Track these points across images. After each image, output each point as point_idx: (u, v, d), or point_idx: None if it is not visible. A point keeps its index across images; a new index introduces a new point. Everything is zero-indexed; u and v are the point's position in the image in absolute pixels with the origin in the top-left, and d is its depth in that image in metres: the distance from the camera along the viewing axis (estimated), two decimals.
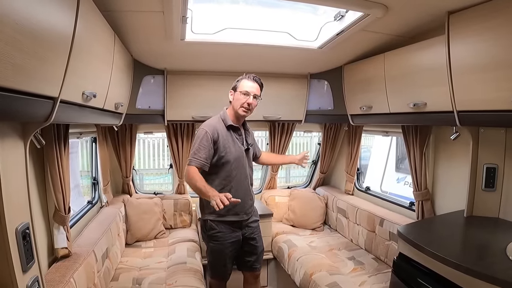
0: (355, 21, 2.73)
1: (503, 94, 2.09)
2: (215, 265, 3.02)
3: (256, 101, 2.94)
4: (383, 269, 3.39)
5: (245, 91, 2.87)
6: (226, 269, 3.01)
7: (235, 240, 2.95)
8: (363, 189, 4.71)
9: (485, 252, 2.28)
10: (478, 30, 2.23)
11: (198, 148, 2.77)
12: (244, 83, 2.90)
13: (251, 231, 3.07)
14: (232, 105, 2.95)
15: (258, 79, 2.95)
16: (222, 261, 2.96)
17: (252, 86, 2.89)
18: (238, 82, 2.94)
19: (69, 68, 1.70)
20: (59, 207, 2.43)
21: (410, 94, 2.97)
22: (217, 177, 2.86)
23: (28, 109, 1.47)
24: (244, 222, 3.00)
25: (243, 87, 2.88)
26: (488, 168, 2.76)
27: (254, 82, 2.91)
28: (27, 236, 1.72)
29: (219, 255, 2.95)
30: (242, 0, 2.83)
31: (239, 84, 2.91)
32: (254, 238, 3.09)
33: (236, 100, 2.90)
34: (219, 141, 2.83)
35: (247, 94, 2.87)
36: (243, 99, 2.87)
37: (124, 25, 2.74)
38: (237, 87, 2.92)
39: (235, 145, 2.92)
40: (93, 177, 4.11)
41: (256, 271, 3.17)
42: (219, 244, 2.91)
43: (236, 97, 2.91)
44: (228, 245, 2.92)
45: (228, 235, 2.90)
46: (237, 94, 2.90)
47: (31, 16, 1.28)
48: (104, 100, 2.57)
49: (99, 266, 2.81)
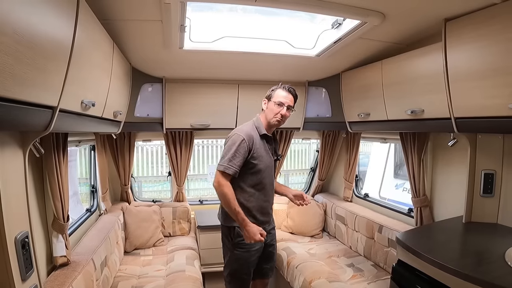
0: (352, 29, 2.75)
1: (500, 100, 2.11)
2: (239, 274, 2.94)
3: (290, 112, 2.90)
4: (382, 275, 3.38)
5: (279, 101, 2.83)
6: (249, 278, 2.98)
7: (259, 248, 2.92)
8: (362, 196, 4.71)
9: (484, 258, 2.28)
10: (475, 37, 2.25)
11: (234, 155, 2.71)
12: (278, 93, 2.86)
13: (271, 238, 3.07)
14: (265, 114, 2.91)
15: (293, 90, 2.90)
16: (246, 269, 2.93)
17: (286, 97, 2.85)
18: (273, 92, 2.89)
19: (68, 77, 1.70)
20: (58, 215, 2.42)
21: (408, 101, 2.98)
22: (248, 184, 2.83)
23: (27, 118, 1.47)
24: (267, 229, 2.94)
25: (277, 97, 2.84)
26: (486, 174, 2.77)
27: (288, 93, 2.87)
28: (26, 245, 1.72)
29: (245, 263, 2.90)
30: (240, 9, 2.83)
31: (274, 94, 2.87)
32: (273, 244, 3.11)
33: (270, 110, 2.86)
34: (254, 150, 2.79)
35: (281, 104, 2.83)
36: (277, 109, 2.83)
37: (122, 34, 2.76)
38: (271, 97, 2.88)
39: (268, 155, 2.91)
40: (92, 185, 4.10)
41: (268, 278, 3.17)
42: (245, 252, 2.86)
43: (270, 106, 2.87)
44: (254, 253, 2.89)
45: (254, 243, 2.84)
46: (271, 104, 2.86)
47: (30, 26, 1.29)
48: (102, 108, 2.58)
49: (98, 274, 2.80)
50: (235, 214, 2.68)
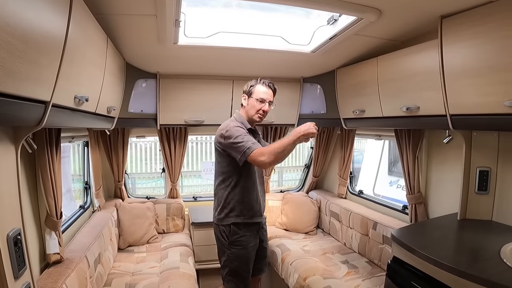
0: (348, 25, 2.75)
1: (495, 98, 2.11)
2: (240, 272, 2.90)
3: (270, 108, 2.92)
4: (376, 272, 3.39)
5: (261, 98, 2.84)
6: (248, 275, 2.95)
7: (255, 244, 2.93)
8: (356, 192, 4.71)
9: (479, 255, 2.28)
10: (471, 34, 2.24)
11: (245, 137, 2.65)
12: (259, 89, 2.86)
13: (264, 233, 3.10)
14: (246, 110, 2.92)
15: (272, 85, 2.92)
16: (245, 266, 2.90)
17: (267, 93, 2.87)
18: (252, 88, 2.88)
19: (61, 71, 1.68)
20: (51, 212, 2.40)
21: (403, 98, 2.98)
22: (242, 178, 2.81)
23: (19, 113, 1.45)
24: (260, 224, 2.99)
25: (258, 93, 2.85)
26: (481, 171, 2.77)
27: (268, 89, 2.88)
28: (19, 242, 1.70)
29: (243, 261, 2.88)
30: (235, 4, 2.82)
31: (255, 90, 2.87)
32: (265, 240, 3.12)
33: (252, 106, 2.87)
34: None
35: (263, 101, 2.85)
36: (259, 106, 2.85)
37: (116, 29, 2.73)
38: (252, 93, 2.87)
39: None
40: (85, 182, 4.08)
41: (261, 274, 3.18)
42: (243, 249, 2.85)
43: (251, 103, 2.88)
44: (251, 249, 2.89)
45: (250, 239, 2.87)
46: (252, 100, 2.87)
47: (23, 19, 1.27)
48: (96, 104, 2.55)
49: (92, 272, 2.78)
50: (290, 144, 2.51)
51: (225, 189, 2.85)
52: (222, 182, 2.87)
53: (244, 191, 2.82)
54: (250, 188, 2.85)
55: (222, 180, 2.87)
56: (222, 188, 2.87)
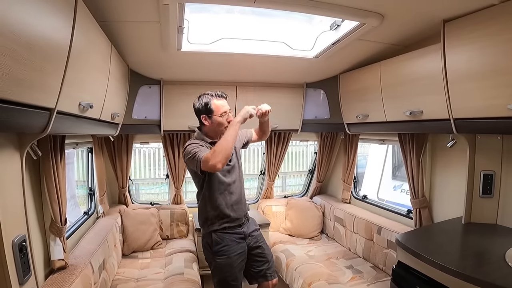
0: (351, 30, 2.75)
1: (499, 101, 2.10)
2: (228, 281, 2.85)
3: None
4: (381, 277, 3.38)
5: (223, 112, 2.80)
6: (237, 284, 2.89)
7: (242, 252, 2.87)
8: (360, 197, 4.71)
9: (484, 259, 2.28)
10: (474, 38, 2.24)
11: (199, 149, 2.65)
12: (217, 104, 2.80)
13: (255, 239, 3.00)
14: (211, 129, 2.85)
15: (224, 94, 2.89)
16: (232, 276, 2.85)
17: (225, 104, 2.85)
18: (209, 107, 2.80)
19: (66, 78, 1.69)
20: (55, 218, 2.41)
21: (407, 102, 2.98)
22: (210, 188, 2.79)
23: (24, 121, 1.46)
24: (246, 232, 2.92)
25: (219, 109, 2.80)
26: (485, 174, 2.77)
27: (223, 99, 2.86)
28: (24, 248, 1.71)
29: (229, 270, 2.83)
30: (238, 10, 2.83)
31: (213, 107, 2.79)
32: (260, 246, 3.02)
33: (218, 123, 2.81)
34: None
35: (225, 113, 2.82)
36: (224, 119, 2.81)
37: (120, 35, 2.75)
38: (211, 112, 2.80)
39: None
40: (89, 188, 4.09)
41: (271, 279, 3.07)
42: (226, 258, 2.81)
43: (216, 120, 2.81)
44: (236, 258, 2.83)
45: (234, 247, 2.82)
46: (216, 118, 2.80)
47: (27, 27, 1.28)
48: (100, 110, 2.56)
49: (96, 278, 2.78)
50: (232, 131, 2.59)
51: (201, 200, 2.88)
52: (198, 194, 2.91)
53: (214, 200, 2.80)
54: (222, 196, 2.82)
55: (197, 193, 2.92)
56: (200, 200, 2.90)
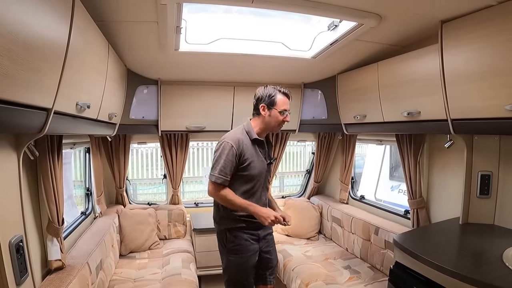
0: (348, 30, 2.76)
1: (496, 102, 2.11)
2: (237, 281, 2.86)
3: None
4: (379, 277, 3.38)
5: (284, 109, 2.77)
6: (248, 284, 2.89)
7: (254, 254, 2.85)
8: (358, 197, 4.71)
9: (481, 259, 2.28)
10: (472, 38, 2.25)
11: (224, 165, 2.66)
12: (281, 100, 2.77)
13: (267, 243, 2.99)
14: (266, 120, 2.81)
15: (290, 93, 2.85)
16: (244, 275, 2.84)
17: (288, 103, 2.81)
18: (272, 98, 2.76)
19: (63, 78, 1.69)
20: (52, 218, 2.40)
21: (404, 103, 2.98)
22: (239, 190, 2.75)
23: (21, 121, 1.45)
24: (261, 235, 2.90)
25: (281, 105, 2.76)
26: (483, 175, 2.77)
27: (287, 98, 2.82)
28: (21, 249, 1.71)
29: (241, 269, 2.83)
30: (236, 10, 2.83)
31: (276, 101, 2.76)
32: (269, 250, 3.02)
33: (274, 118, 2.78)
34: (244, 155, 2.73)
35: (285, 112, 2.78)
36: (281, 117, 2.78)
37: (118, 35, 2.74)
38: (273, 104, 2.76)
39: (259, 159, 2.82)
40: (87, 188, 4.08)
41: (270, 284, 3.07)
42: (238, 258, 2.80)
43: (274, 114, 2.77)
44: (247, 259, 2.82)
45: (247, 248, 2.81)
46: (275, 112, 2.76)
47: (25, 27, 1.27)
48: (98, 110, 2.56)
49: (93, 278, 2.77)
50: (244, 207, 2.67)
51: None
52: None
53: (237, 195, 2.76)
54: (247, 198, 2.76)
55: None
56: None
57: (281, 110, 2.76)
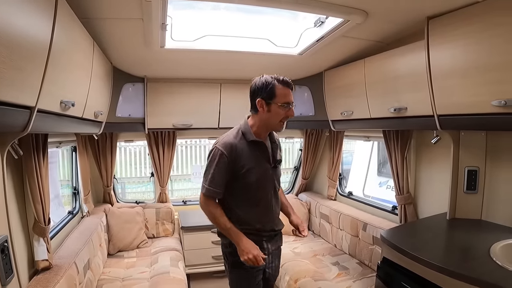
0: (335, 27, 2.76)
1: (483, 97, 2.12)
2: None
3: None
4: (367, 273, 3.40)
5: (286, 102, 2.30)
6: None
7: (261, 269, 2.46)
8: (346, 194, 4.72)
9: (469, 254, 2.30)
10: (458, 35, 2.26)
11: (213, 175, 2.29)
12: (282, 92, 2.29)
13: (271, 259, 2.63)
14: (265, 118, 2.35)
15: (291, 82, 2.37)
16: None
17: (290, 94, 2.33)
18: (271, 90, 2.29)
19: (46, 76, 1.67)
20: (38, 218, 2.37)
21: (391, 99, 3.00)
22: (240, 199, 2.40)
23: (3, 119, 1.43)
24: (271, 249, 2.57)
25: (282, 97, 2.29)
26: (470, 170, 2.79)
27: (289, 89, 2.34)
28: (6, 249, 1.69)
29: (247, 284, 2.46)
30: (223, 7, 2.81)
31: (276, 93, 2.28)
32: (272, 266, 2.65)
33: (275, 114, 2.32)
34: (239, 162, 2.32)
35: (287, 105, 2.32)
36: (284, 112, 2.32)
37: (103, 33, 2.72)
38: (272, 97, 2.29)
39: (259, 164, 2.40)
40: (74, 187, 4.04)
41: None
42: (245, 272, 2.40)
43: (274, 110, 2.30)
44: (253, 272, 2.41)
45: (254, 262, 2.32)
46: (275, 106, 2.30)
47: (6, 24, 1.25)
48: (83, 108, 2.53)
49: (81, 278, 2.75)
50: (226, 231, 2.33)
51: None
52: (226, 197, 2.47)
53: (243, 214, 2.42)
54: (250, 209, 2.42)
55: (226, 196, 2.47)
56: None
57: (283, 103, 2.29)
